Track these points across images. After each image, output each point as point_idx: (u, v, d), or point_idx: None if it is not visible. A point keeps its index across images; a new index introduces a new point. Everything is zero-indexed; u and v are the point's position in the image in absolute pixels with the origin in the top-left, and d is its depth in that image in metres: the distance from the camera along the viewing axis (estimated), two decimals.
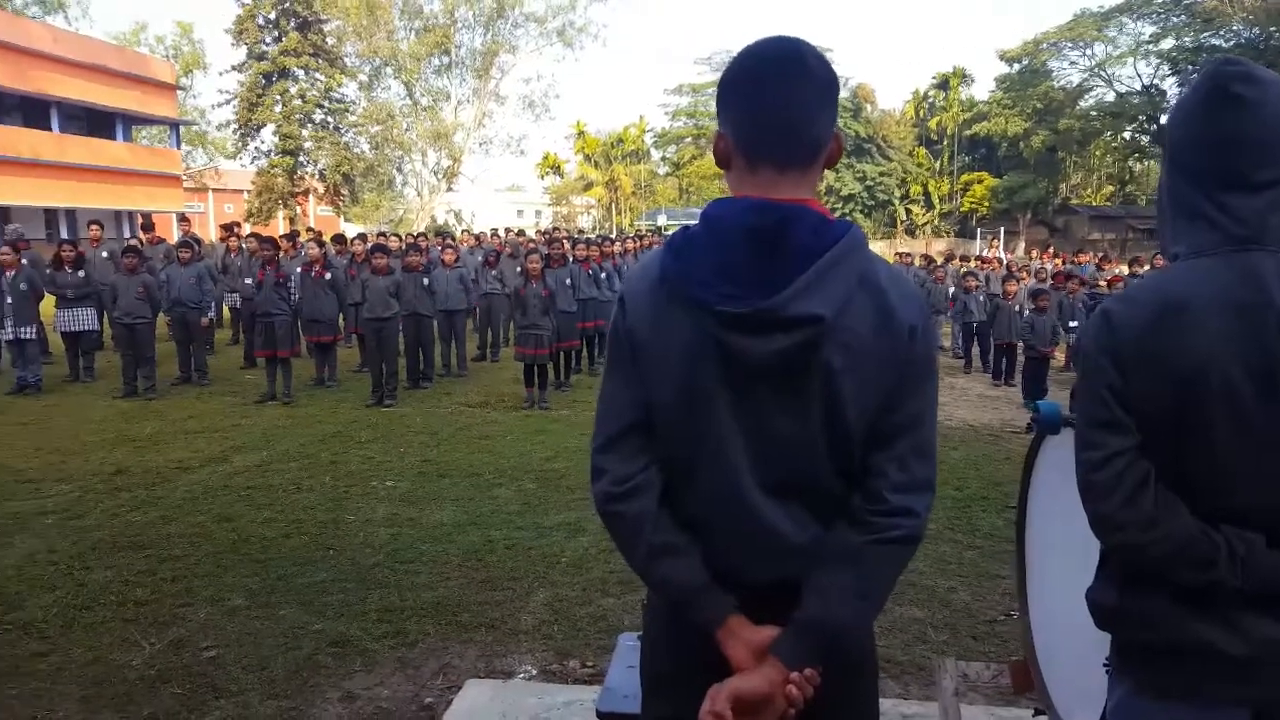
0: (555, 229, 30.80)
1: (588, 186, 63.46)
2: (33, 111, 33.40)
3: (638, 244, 17.52)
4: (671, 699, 1.54)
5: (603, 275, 12.02)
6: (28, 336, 9.86)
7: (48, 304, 10.25)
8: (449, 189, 46.36)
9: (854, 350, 1.35)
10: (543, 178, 67.42)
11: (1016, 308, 11.54)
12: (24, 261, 10.07)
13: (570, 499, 6.21)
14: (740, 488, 1.42)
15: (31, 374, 9.95)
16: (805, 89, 1.39)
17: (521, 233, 19.66)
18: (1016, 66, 53.63)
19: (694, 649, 1.46)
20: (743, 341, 1.35)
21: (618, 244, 15.28)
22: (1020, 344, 11.08)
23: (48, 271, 10.62)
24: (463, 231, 24.63)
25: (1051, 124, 51.27)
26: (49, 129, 33.50)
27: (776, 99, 1.38)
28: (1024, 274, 14.66)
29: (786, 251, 1.34)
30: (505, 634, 4.14)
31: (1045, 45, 51.20)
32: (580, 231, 41.84)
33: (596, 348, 12.32)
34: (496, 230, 21.27)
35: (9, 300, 9.69)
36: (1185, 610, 1.42)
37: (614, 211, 61.50)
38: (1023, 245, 47.67)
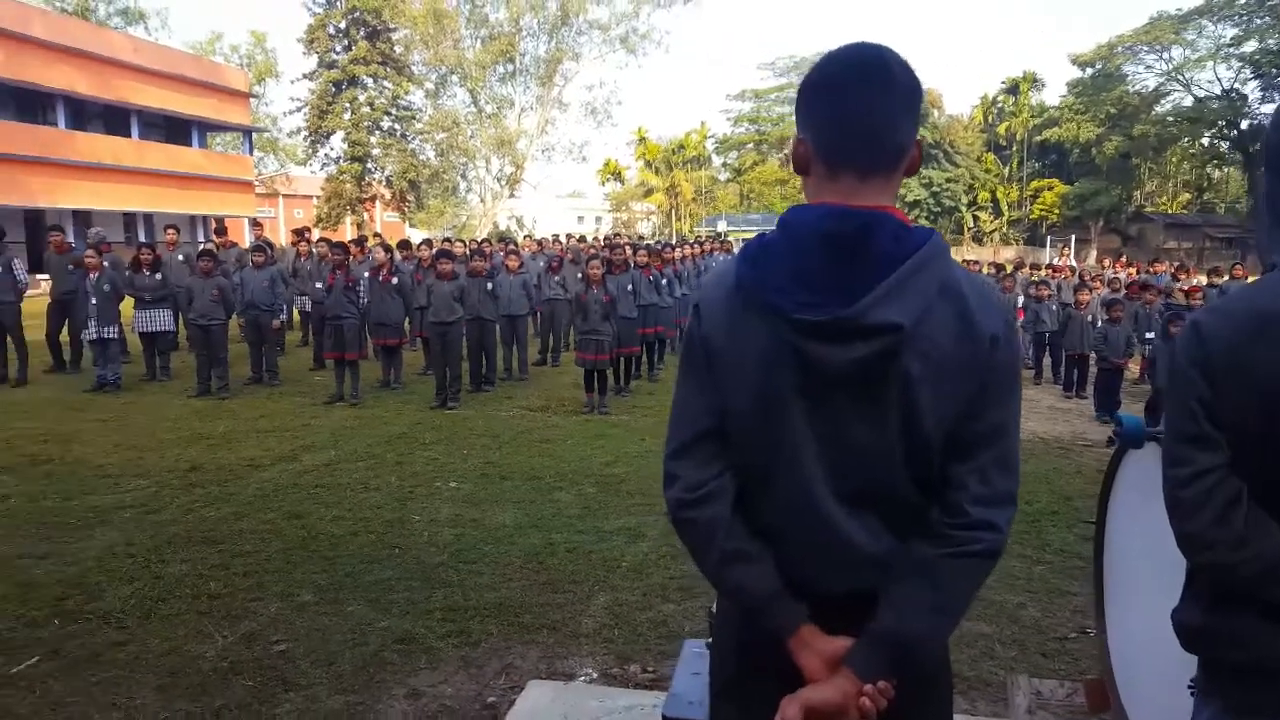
0: (616, 235, 30.93)
1: (648, 193, 63.62)
2: (114, 119, 34.67)
3: (698, 250, 17.52)
4: (741, 707, 1.55)
5: (663, 281, 12.04)
6: (110, 336, 10.22)
7: (126, 305, 10.61)
8: (511, 195, 46.85)
9: (934, 359, 1.33)
10: (603, 184, 67.81)
11: (1089, 318, 11.27)
12: (106, 264, 10.43)
13: (630, 504, 6.24)
14: (815, 497, 1.41)
15: (111, 372, 10.30)
16: (890, 95, 1.38)
17: (583, 239, 19.78)
18: (1089, 71, 52.38)
19: (765, 658, 1.46)
20: (820, 349, 1.33)
21: (678, 250, 15.28)
22: (1092, 355, 10.83)
23: (127, 274, 10.99)
24: (525, 237, 24.86)
25: (1126, 129, 50.05)
26: (129, 136, 34.74)
27: (860, 105, 1.37)
28: (1097, 283, 14.32)
29: (866, 258, 1.32)
30: (566, 636, 4.17)
31: (1120, 49, 49.92)
32: (640, 238, 41.93)
33: (656, 354, 12.34)
34: (558, 236, 21.44)
35: (93, 301, 10.05)
36: (1276, 629, 1.38)
37: (674, 218, 61.53)
38: (1094, 253, 46.58)
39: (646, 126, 64.68)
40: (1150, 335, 10.99)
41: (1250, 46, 45.37)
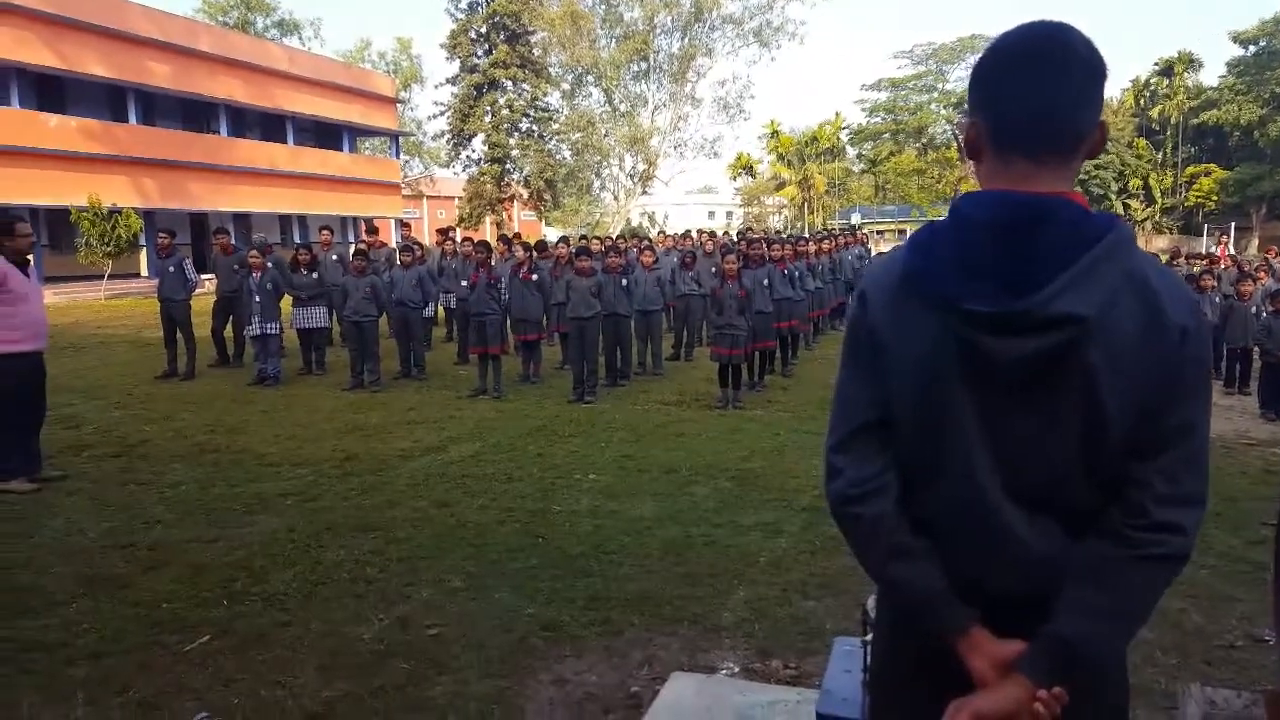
0: (749, 229, 30.75)
1: (780, 186, 62.92)
2: (270, 126, 36.85)
3: (833, 244, 17.22)
4: (902, 709, 1.52)
5: (797, 275, 11.90)
6: (271, 332, 10.84)
7: (285, 301, 11.23)
8: (644, 192, 47.25)
9: (1118, 352, 1.27)
10: (735, 178, 67.46)
11: (1253, 309, 10.54)
12: (269, 264, 11.08)
13: (766, 499, 6.20)
14: (985, 494, 1.36)
15: (272, 366, 10.92)
16: (1067, 74, 1.32)
17: (713, 234, 19.74)
18: (1252, 49, 48.80)
19: (929, 659, 1.43)
20: (993, 343, 1.29)
21: (812, 244, 15.06)
22: (1256, 349, 10.13)
23: (287, 273, 11.64)
24: (659, 233, 25.03)
25: None
26: (284, 142, 36.84)
27: (1033, 85, 1.32)
28: (1261, 273, 13.34)
29: (1043, 247, 1.27)
30: (707, 629, 4.19)
31: None
32: (776, 232, 41.57)
33: (790, 348, 12.22)
34: (689, 232, 21.47)
35: (257, 299, 10.70)
36: None
37: (807, 210, 60.69)
38: (1256, 242, 43.45)
39: (779, 119, 64.11)
40: None
41: None
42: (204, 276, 14.94)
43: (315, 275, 11.59)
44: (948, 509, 1.40)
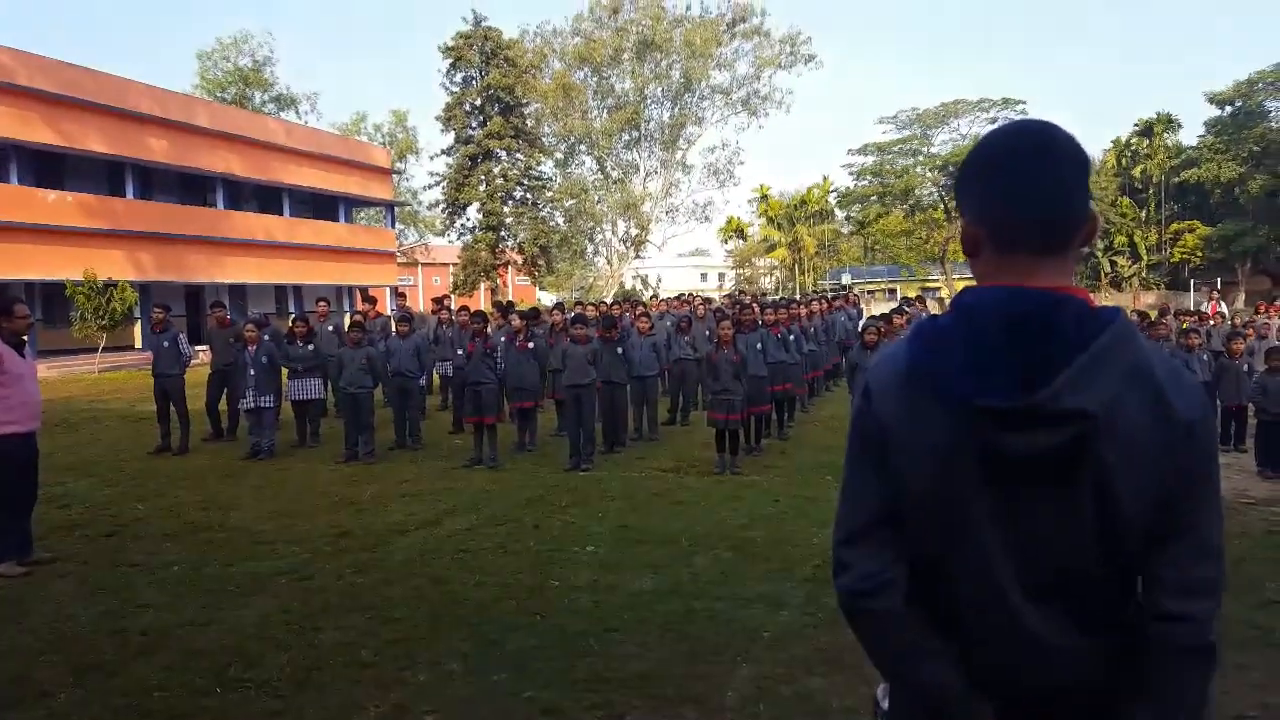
0: (741, 292, 30.98)
1: (771, 248, 63.61)
2: (267, 198, 37.26)
3: (825, 306, 17.33)
4: None
5: (791, 338, 11.94)
6: (266, 405, 10.80)
7: (283, 372, 11.21)
8: (637, 256, 47.73)
9: (1127, 446, 1.28)
10: (726, 241, 68.18)
11: (1245, 367, 10.58)
12: (265, 337, 11.09)
13: (767, 569, 6.12)
14: (1000, 588, 1.36)
15: (266, 440, 10.84)
16: (1060, 169, 1.34)
17: (708, 299, 19.86)
18: (1228, 109, 50.06)
19: None
20: (1004, 438, 1.29)
21: (804, 306, 15.15)
22: (1250, 406, 10.14)
23: (283, 344, 11.63)
24: (652, 297, 25.20)
25: (1271, 167, 48.01)
26: (280, 213, 37.19)
27: (1032, 182, 1.34)
28: (1249, 330, 13.44)
29: (1050, 342, 1.28)
30: (711, 710, 4.09)
31: (1261, 85, 47.79)
32: (763, 294, 41.89)
33: (787, 412, 12.21)
34: (683, 295, 21.62)
35: (252, 372, 10.68)
36: None
37: (798, 271, 61.20)
38: (1243, 297, 43.94)
39: (768, 183, 65.17)
40: None
41: None
42: (199, 349, 14.95)
43: (311, 347, 11.60)
44: (963, 604, 1.40)
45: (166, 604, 5.65)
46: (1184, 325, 13.40)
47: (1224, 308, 24.06)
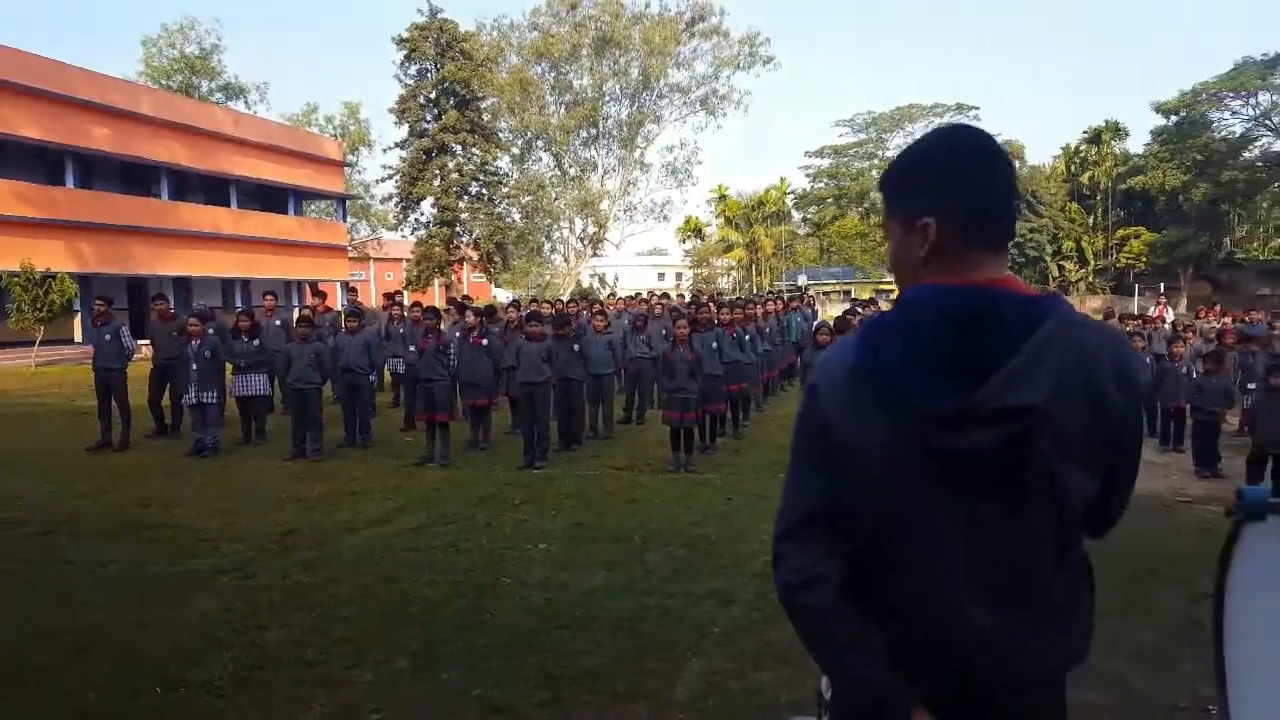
0: (698, 292, 31.08)
1: (728, 248, 63.89)
2: (214, 189, 36.49)
3: (780, 306, 17.44)
4: None
5: (747, 338, 11.98)
6: (209, 401, 10.55)
7: (227, 368, 10.97)
8: (594, 254, 47.64)
9: (1069, 436, 1.30)
10: (684, 241, 68.33)
11: (1184, 369, 10.85)
12: (209, 331, 10.84)
13: (719, 565, 6.13)
14: (945, 583, 1.37)
15: (210, 436, 10.59)
16: (1009, 170, 1.43)
17: (666, 296, 19.88)
18: (1173, 119, 51.41)
19: None
20: (949, 437, 1.30)
21: (760, 307, 15.23)
22: (1188, 407, 10.42)
23: (228, 338, 11.39)
24: (608, 295, 25.17)
25: (1213, 176, 49.27)
26: (228, 205, 36.47)
27: (995, 181, 1.40)
28: (1190, 333, 13.80)
29: (993, 337, 1.30)
30: (661, 706, 4.08)
31: (1204, 96, 49.12)
32: (720, 294, 42.09)
33: (741, 411, 12.25)
34: (640, 294, 21.62)
35: (194, 367, 10.44)
36: None
37: (754, 272, 61.57)
38: (1185, 301, 45.19)
39: (727, 184, 65.39)
40: (1251, 386, 10.49)
41: None
42: (141, 343, 14.59)
43: (256, 342, 11.33)
44: (907, 598, 1.41)
45: (105, 603, 5.49)
46: (1128, 329, 13.71)
47: (1169, 312, 24.68)
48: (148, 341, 13.51)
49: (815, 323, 15.81)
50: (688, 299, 20.45)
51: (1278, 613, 2.64)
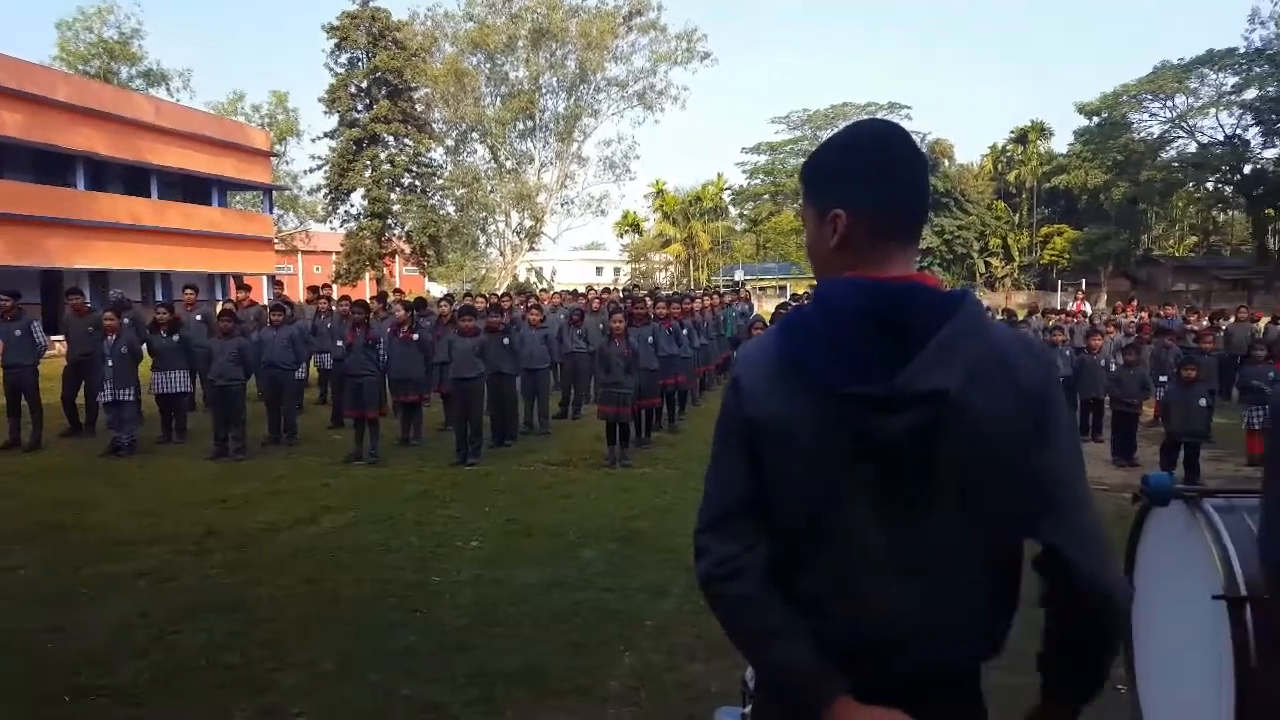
0: (635, 286, 31.05)
1: (666, 244, 64.05)
2: (134, 179, 35.18)
3: (716, 301, 17.50)
4: None
5: (683, 332, 11.99)
6: (126, 398, 10.17)
7: (144, 365, 10.60)
8: (531, 248, 47.27)
9: (984, 424, 1.32)
10: (622, 236, 68.31)
11: (1102, 362, 11.20)
12: (125, 321, 10.44)
13: (654, 559, 6.11)
14: (870, 569, 1.38)
15: (126, 435, 10.20)
16: (925, 166, 1.45)
17: (607, 290, 19.80)
18: (1095, 120, 53.09)
19: None
20: (870, 423, 1.32)
21: (696, 301, 15.27)
22: (1107, 398, 10.73)
23: (146, 334, 10.99)
24: (542, 290, 25.01)
25: (1132, 175, 51.17)
26: (148, 196, 35.19)
27: (912, 176, 1.43)
28: (1109, 327, 14.24)
29: (906, 329, 1.32)
30: (594, 700, 4.04)
31: (1125, 98, 50.90)
32: (657, 288, 42.18)
33: (677, 405, 12.26)
34: (577, 289, 21.52)
35: (110, 363, 10.05)
36: None
37: (692, 267, 61.82)
38: (1105, 297, 46.66)
39: (664, 179, 65.39)
40: (1164, 379, 10.87)
41: (1251, 94, 46.65)
42: (54, 339, 14.03)
43: (176, 338, 10.91)
44: (834, 585, 1.41)
45: (12, 610, 5.26)
46: (1050, 323, 14.08)
47: (1088, 307, 25.45)
48: (61, 337, 12.96)
49: (751, 317, 15.90)
50: (623, 294, 20.38)
51: (1179, 589, 2.74)
